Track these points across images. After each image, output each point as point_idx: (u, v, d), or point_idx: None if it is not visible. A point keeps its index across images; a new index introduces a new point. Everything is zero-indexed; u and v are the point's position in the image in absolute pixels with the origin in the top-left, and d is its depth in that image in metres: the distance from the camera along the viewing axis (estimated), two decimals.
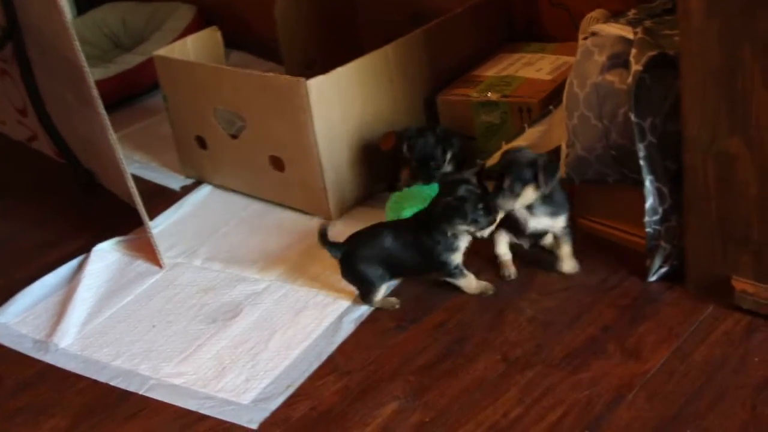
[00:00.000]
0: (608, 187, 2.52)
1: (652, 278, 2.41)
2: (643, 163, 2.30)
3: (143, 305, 2.65)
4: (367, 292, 2.48)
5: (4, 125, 3.77)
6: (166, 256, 2.82)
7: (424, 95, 3.06)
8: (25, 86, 3.28)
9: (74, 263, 2.85)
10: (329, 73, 2.78)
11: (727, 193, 2.16)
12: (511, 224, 2.49)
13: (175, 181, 3.31)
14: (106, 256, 2.86)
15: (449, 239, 2.41)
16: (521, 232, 2.49)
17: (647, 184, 2.31)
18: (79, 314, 2.62)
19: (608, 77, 2.37)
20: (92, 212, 3.19)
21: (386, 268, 2.46)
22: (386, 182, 2.94)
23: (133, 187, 2.71)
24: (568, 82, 2.48)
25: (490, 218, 2.39)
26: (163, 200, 3.17)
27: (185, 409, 2.25)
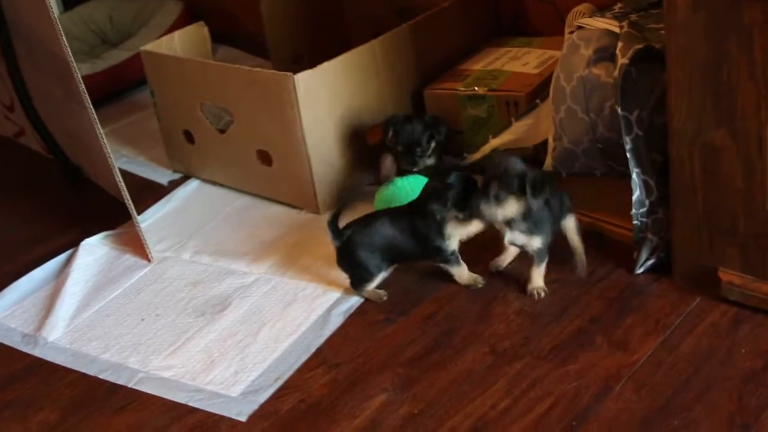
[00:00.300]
0: (595, 180, 2.53)
1: (639, 270, 2.42)
2: (629, 155, 2.30)
3: (132, 299, 2.65)
4: (362, 280, 2.47)
5: None
6: (154, 250, 2.81)
7: (411, 89, 3.06)
8: (12, 81, 3.27)
9: (62, 257, 2.84)
10: (316, 67, 2.78)
11: (713, 185, 2.17)
12: None
13: (163, 175, 3.31)
14: (94, 250, 2.86)
15: (438, 223, 2.42)
16: None
17: (634, 176, 2.32)
18: (67, 308, 2.62)
19: (595, 71, 2.37)
20: (80, 207, 3.19)
21: (385, 255, 2.46)
22: (374, 175, 2.94)
23: (121, 181, 2.71)
24: (554, 75, 2.49)
25: (468, 212, 2.39)
26: (151, 195, 3.17)
27: (174, 402, 2.25)
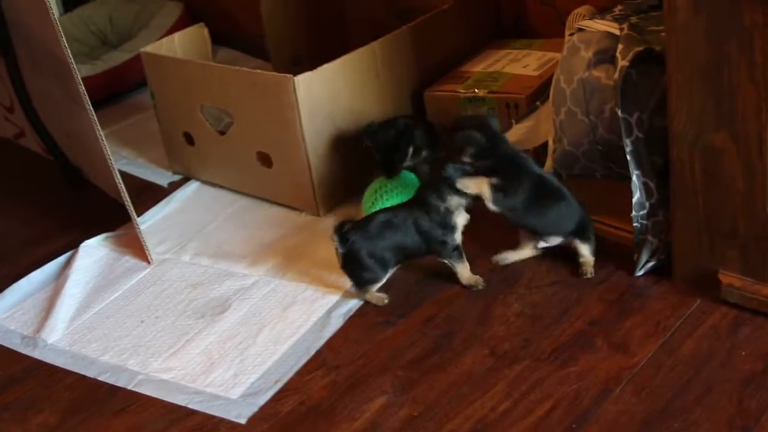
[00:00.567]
0: (595, 182, 2.53)
1: (639, 273, 2.42)
2: (629, 158, 2.30)
3: (131, 301, 2.64)
4: (367, 282, 2.46)
5: None
6: (154, 251, 2.81)
7: (411, 91, 3.06)
8: (12, 83, 3.26)
9: (62, 259, 2.84)
10: (317, 69, 2.78)
11: (713, 187, 2.17)
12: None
13: (162, 177, 3.31)
14: (94, 252, 2.86)
15: (443, 215, 2.42)
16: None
17: (634, 179, 2.32)
18: (67, 310, 2.61)
19: (595, 73, 2.37)
20: (80, 208, 3.19)
21: (389, 255, 2.45)
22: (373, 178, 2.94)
23: (120, 183, 2.71)
24: (554, 77, 2.49)
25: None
26: (151, 196, 3.16)
27: (174, 404, 2.25)
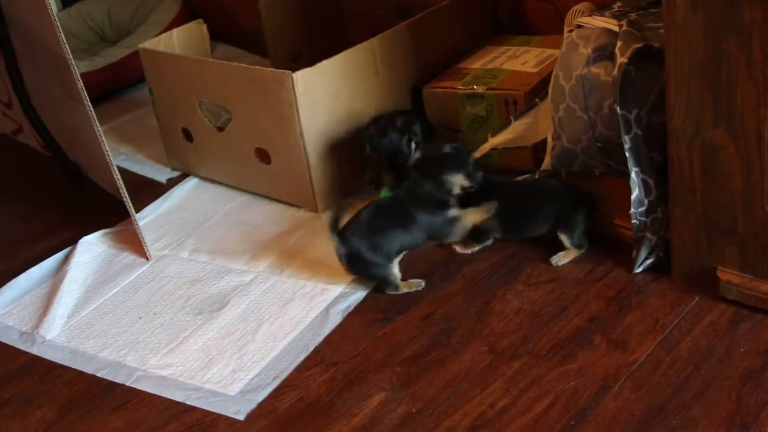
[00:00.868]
0: (594, 179, 2.52)
1: (638, 270, 2.42)
2: (628, 155, 2.30)
3: (130, 297, 2.64)
4: (381, 277, 2.48)
5: None
6: (152, 247, 2.81)
7: (409, 87, 3.06)
8: (10, 79, 3.26)
9: (60, 255, 2.84)
10: (315, 65, 2.77)
11: (712, 184, 2.17)
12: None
13: (161, 173, 3.31)
14: (92, 248, 2.85)
15: (441, 194, 2.45)
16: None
17: (633, 175, 2.32)
18: (65, 306, 2.61)
19: (594, 69, 2.37)
20: (78, 205, 3.18)
21: (389, 245, 2.46)
22: (373, 173, 2.94)
23: (119, 179, 2.71)
24: (553, 74, 2.49)
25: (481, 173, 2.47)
26: (149, 192, 3.16)
27: (172, 400, 2.25)
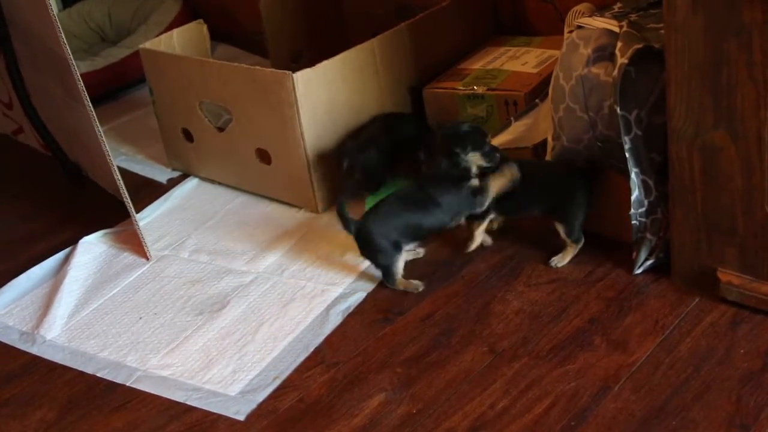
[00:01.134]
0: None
1: (638, 270, 2.42)
2: (628, 155, 2.30)
3: (130, 297, 2.64)
4: (385, 265, 2.48)
5: None
6: (152, 248, 2.81)
7: (410, 88, 3.06)
8: (10, 79, 3.26)
9: (61, 255, 2.84)
10: (316, 66, 2.77)
11: (712, 185, 2.17)
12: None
13: (161, 173, 3.31)
14: (92, 248, 2.85)
15: (458, 171, 2.45)
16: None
17: (633, 176, 2.32)
18: (65, 306, 2.61)
19: (594, 70, 2.37)
20: (79, 205, 3.18)
21: (402, 234, 2.47)
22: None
23: (119, 179, 2.71)
24: (553, 74, 2.49)
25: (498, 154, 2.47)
26: (149, 193, 3.16)
27: (172, 400, 2.25)
